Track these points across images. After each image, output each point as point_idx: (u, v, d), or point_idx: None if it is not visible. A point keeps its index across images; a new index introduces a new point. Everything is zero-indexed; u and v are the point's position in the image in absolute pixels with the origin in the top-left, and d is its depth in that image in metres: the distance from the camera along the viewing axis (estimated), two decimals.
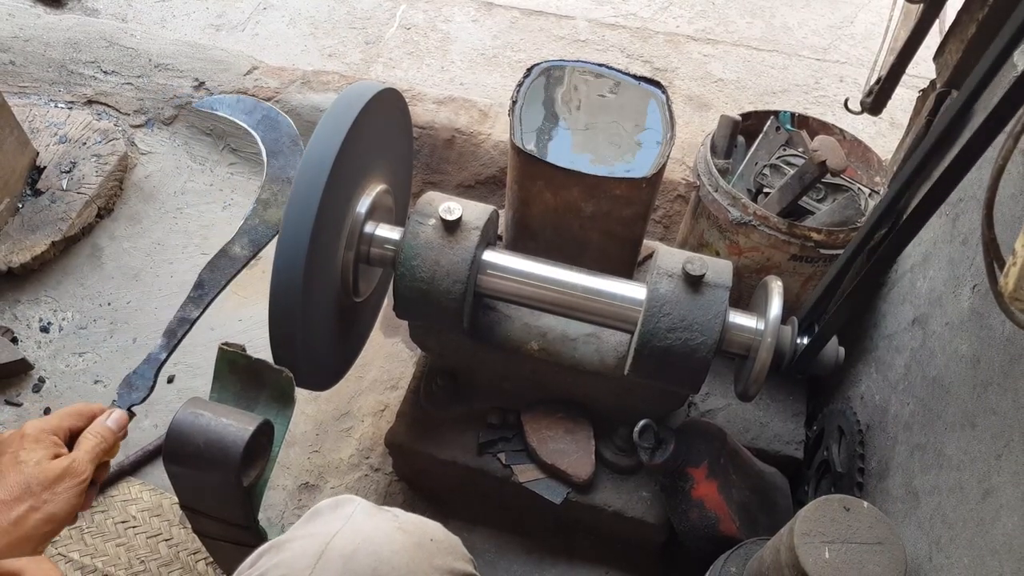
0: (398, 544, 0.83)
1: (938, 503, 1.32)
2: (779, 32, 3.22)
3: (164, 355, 1.26)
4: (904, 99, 1.92)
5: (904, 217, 1.50)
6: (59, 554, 1.82)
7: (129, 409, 1.18)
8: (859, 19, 3.31)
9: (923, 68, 1.69)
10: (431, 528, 0.91)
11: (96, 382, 2.16)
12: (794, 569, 1.23)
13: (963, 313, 1.40)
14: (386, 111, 1.66)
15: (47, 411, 2.08)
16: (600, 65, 1.89)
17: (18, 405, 2.09)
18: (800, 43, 3.18)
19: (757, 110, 2.06)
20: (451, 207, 1.54)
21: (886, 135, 2.76)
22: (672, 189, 2.50)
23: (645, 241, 2.01)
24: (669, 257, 1.54)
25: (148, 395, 1.23)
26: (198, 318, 1.27)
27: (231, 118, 1.40)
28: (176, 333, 1.26)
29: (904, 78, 1.72)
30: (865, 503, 1.28)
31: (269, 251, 1.47)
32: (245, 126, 1.41)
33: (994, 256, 0.76)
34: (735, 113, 1.97)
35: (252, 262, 2.10)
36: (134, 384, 1.22)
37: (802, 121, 2.06)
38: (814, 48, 3.16)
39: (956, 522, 1.25)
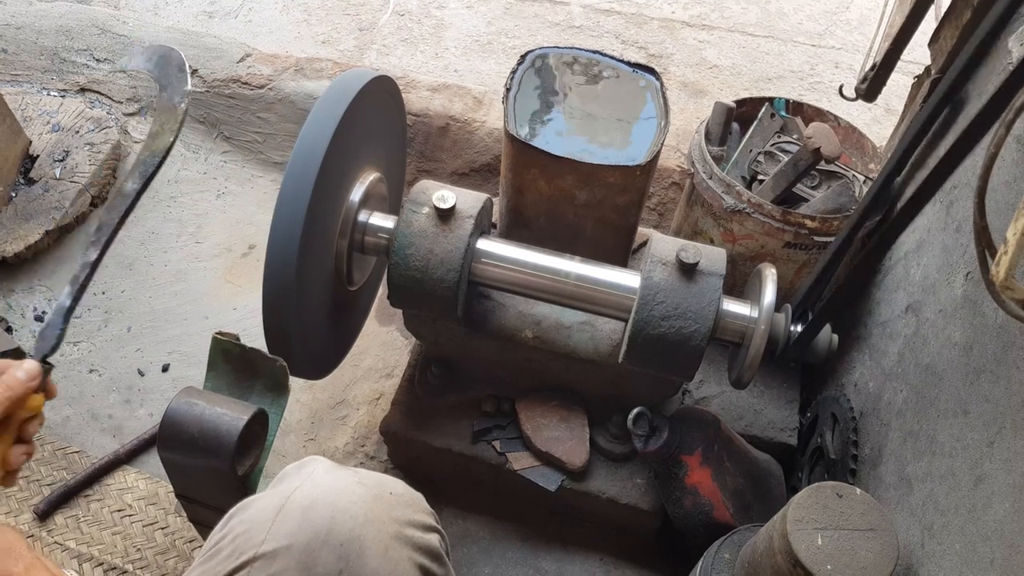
0: (356, 496, 0.85)
1: (930, 490, 1.33)
2: (774, 18, 3.21)
3: (70, 302, 1.24)
4: (900, 85, 1.92)
5: (899, 205, 1.50)
6: (55, 542, 1.82)
7: (44, 360, 1.16)
8: (855, 4, 3.31)
9: (919, 54, 1.68)
10: (391, 483, 0.91)
11: (91, 371, 2.16)
12: (787, 556, 1.24)
13: (956, 300, 1.40)
14: (379, 99, 1.65)
15: None
16: (594, 52, 1.88)
17: None
18: (795, 29, 3.17)
19: (751, 97, 2.05)
20: (445, 196, 1.54)
21: (881, 121, 2.76)
22: (667, 176, 2.49)
23: (640, 228, 2.01)
24: (663, 245, 1.54)
25: (58, 344, 1.21)
26: (99, 259, 1.25)
27: (137, 69, 1.40)
28: (79, 279, 1.25)
29: (900, 64, 1.72)
30: (858, 490, 1.28)
31: (264, 239, 1.46)
32: (148, 69, 1.40)
33: (986, 244, 0.76)
34: (730, 100, 1.97)
35: (249, 252, 2.10)
36: (46, 336, 1.21)
37: (797, 108, 2.06)
38: (809, 34, 3.15)
39: (948, 509, 1.26)
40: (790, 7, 3.26)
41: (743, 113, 2.02)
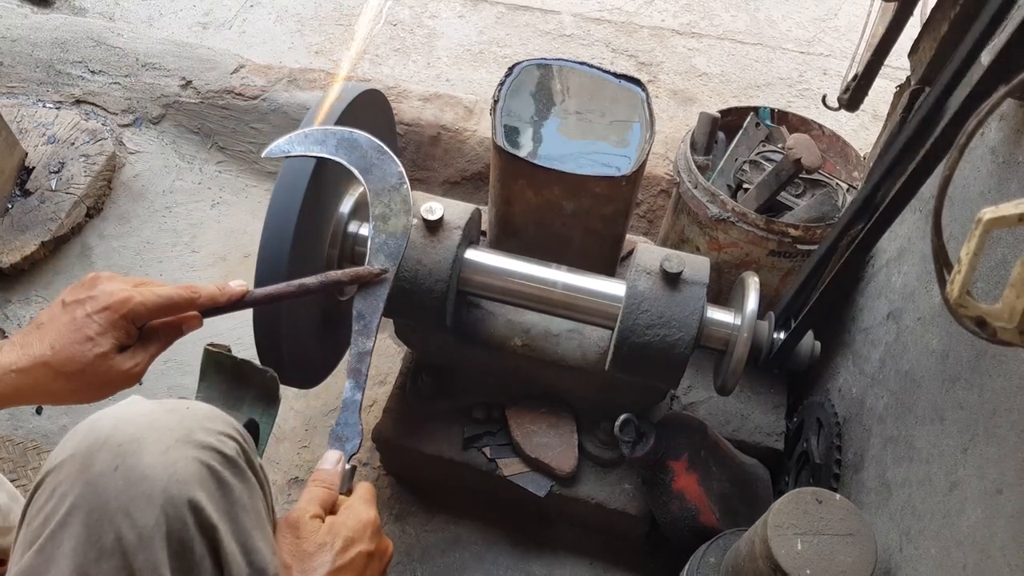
0: (146, 409, 0.83)
1: (908, 495, 1.36)
2: (763, 25, 3.24)
3: (359, 395, 1.24)
4: (888, 92, 1.95)
5: (877, 212, 1.53)
6: None
7: (351, 463, 1.16)
8: (843, 11, 3.33)
9: (905, 62, 1.71)
10: (194, 403, 0.88)
11: None
12: (768, 561, 1.26)
13: (934, 308, 1.42)
14: (369, 112, 1.68)
15: (39, 410, 2.10)
16: (581, 63, 1.91)
17: None
18: (784, 36, 3.20)
19: (737, 106, 2.08)
20: (432, 207, 1.56)
21: (869, 127, 2.79)
22: (656, 184, 2.52)
23: (629, 236, 2.03)
24: (647, 254, 1.56)
25: (361, 440, 1.21)
26: (373, 347, 1.26)
27: (308, 155, 1.39)
28: (360, 370, 1.25)
29: (888, 71, 1.73)
30: (837, 495, 1.31)
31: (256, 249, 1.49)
32: (327, 156, 1.41)
33: (943, 263, 0.79)
34: (715, 110, 1.99)
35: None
36: (343, 435, 1.20)
37: (782, 117, 2.09)
38: (798, 41, 3.18)
39: (925, 514, 1.28)
40: (779, 14, 3.29)
41: (729, 122, 2.05)
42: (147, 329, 1.06)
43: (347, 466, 1.13)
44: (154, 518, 0.74)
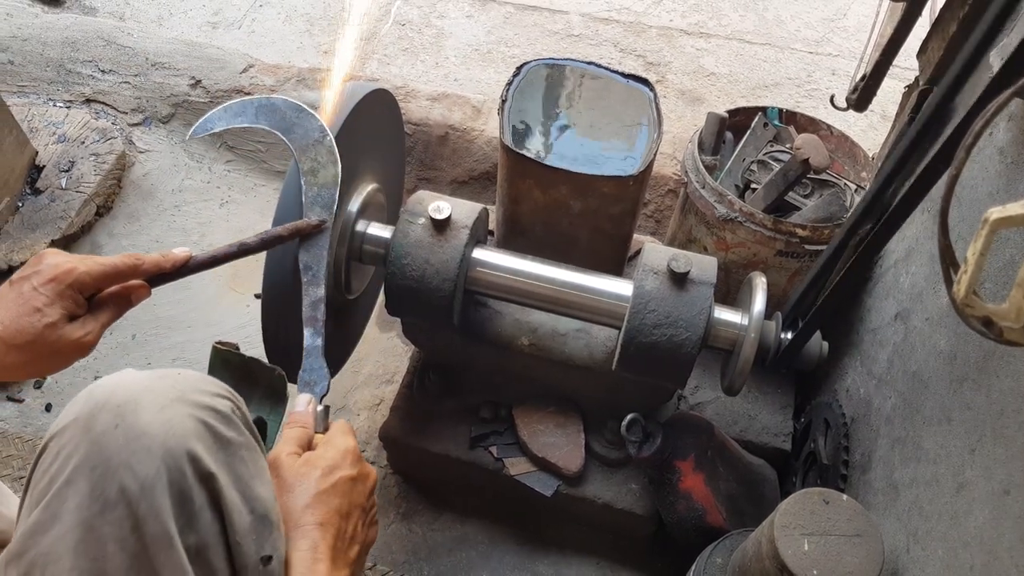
0: (142, 375, 0.86)
1: (916, 496, 1.35)
2: (772, 25, 3.23)
3: (319, 340, 1.27)
4: (896, 92, 1.94)
5: (887, 213, 1.52)
6: None
7: (323, 404, 1.19)
8: (852, 11, 3.33)
9: (914, 62, 1.70)
10: (185, 370, 0.91)
11: (96, 377, 2.18)
12: (774, 561, 1.26)
13: (942, 309, 1.42)
14: (377, 111, 1.68)
15: (48, 407, 2.11)
16: (589, 63, 1.91)
17: (19, 401, 2.12)
18: (793, 36, 3.19)
19: (745, 106, 2.08)
20: (440, 206, 1.56)
21: (878, 128, 2.78)
22: (663, 184, 2.52)
23: (636, 235, 2.03)
24: (655, 254, 1.56)
25: (329, 382, 1.24)
26: (324, 295, 1.30)
27: (230, 127, 1.42)
28: (316, 317, 1.28)
29: (897, 71, 1.73)
30: (844, 496, 1.31)
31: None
32: (250, 126, 1.44)
33: (949, 262, 0.79)
34: (723, 110, 1.99)
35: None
36: (310, 380, 1.24)
37: (790, 117, 2.08)
38: (807, 41, 3.17)
39: (932, 515, 1.28)
40: (787, 15, 3.29)
41: (737, 122, 2.04)
42: (97, 300, 1.08)
43: (319, 407, 1.16)
44: (155, 469, 0.77)
